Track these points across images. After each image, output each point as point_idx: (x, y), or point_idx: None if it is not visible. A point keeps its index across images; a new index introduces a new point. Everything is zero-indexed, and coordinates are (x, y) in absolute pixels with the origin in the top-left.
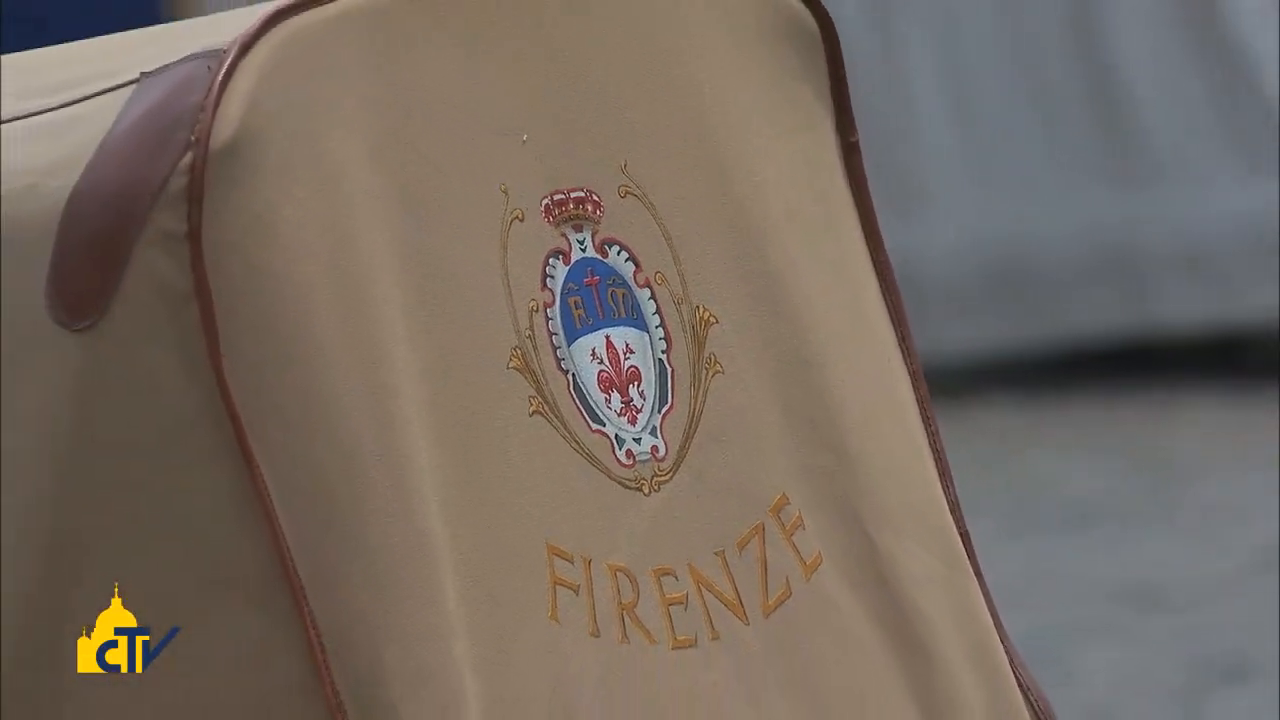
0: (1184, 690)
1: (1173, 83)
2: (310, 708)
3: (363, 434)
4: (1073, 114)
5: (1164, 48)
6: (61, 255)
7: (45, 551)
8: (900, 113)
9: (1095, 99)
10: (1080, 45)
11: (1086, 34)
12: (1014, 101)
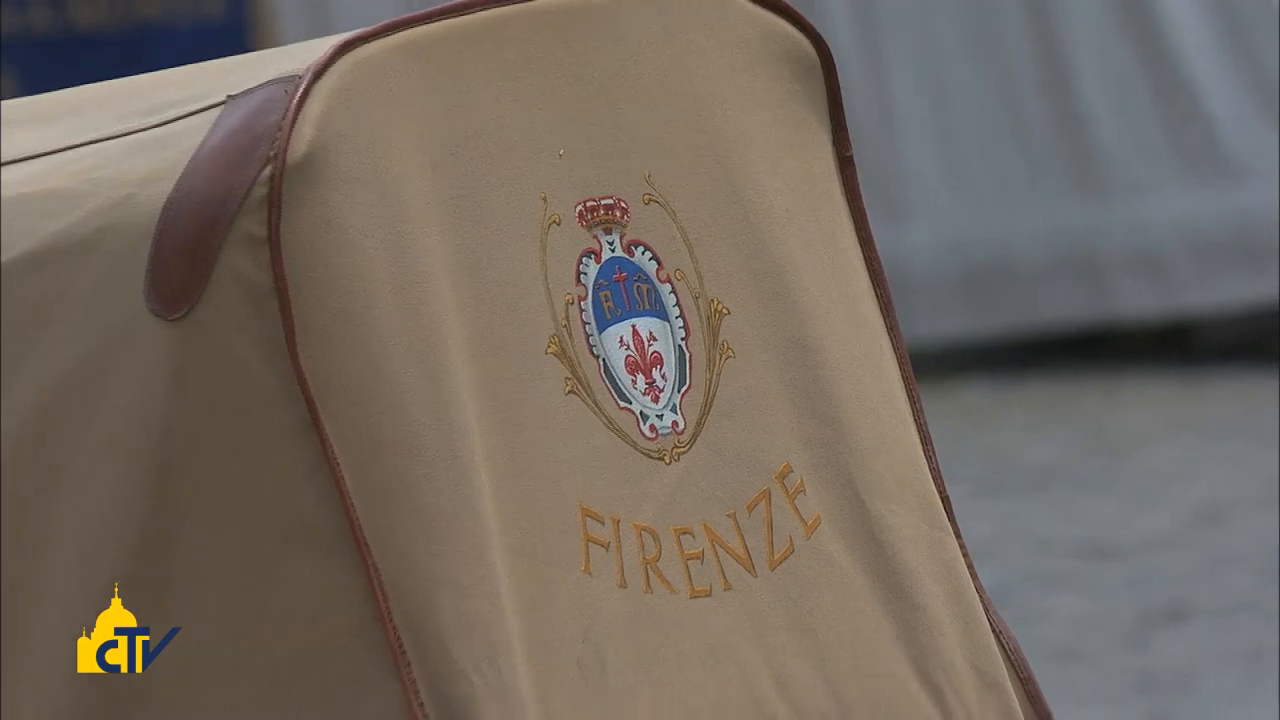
0: (1132, 630)
1: (1126, 106)
2: (374, 646)
3: (419, 409)
4: (1039, 134)
5: (1119, 76)
6: (158, 255)
7: (145, 513)
8: (887, 132)
9: (1059, 120)
10: (1046, 73)
11: (1052, 63)
12: (987, 122)
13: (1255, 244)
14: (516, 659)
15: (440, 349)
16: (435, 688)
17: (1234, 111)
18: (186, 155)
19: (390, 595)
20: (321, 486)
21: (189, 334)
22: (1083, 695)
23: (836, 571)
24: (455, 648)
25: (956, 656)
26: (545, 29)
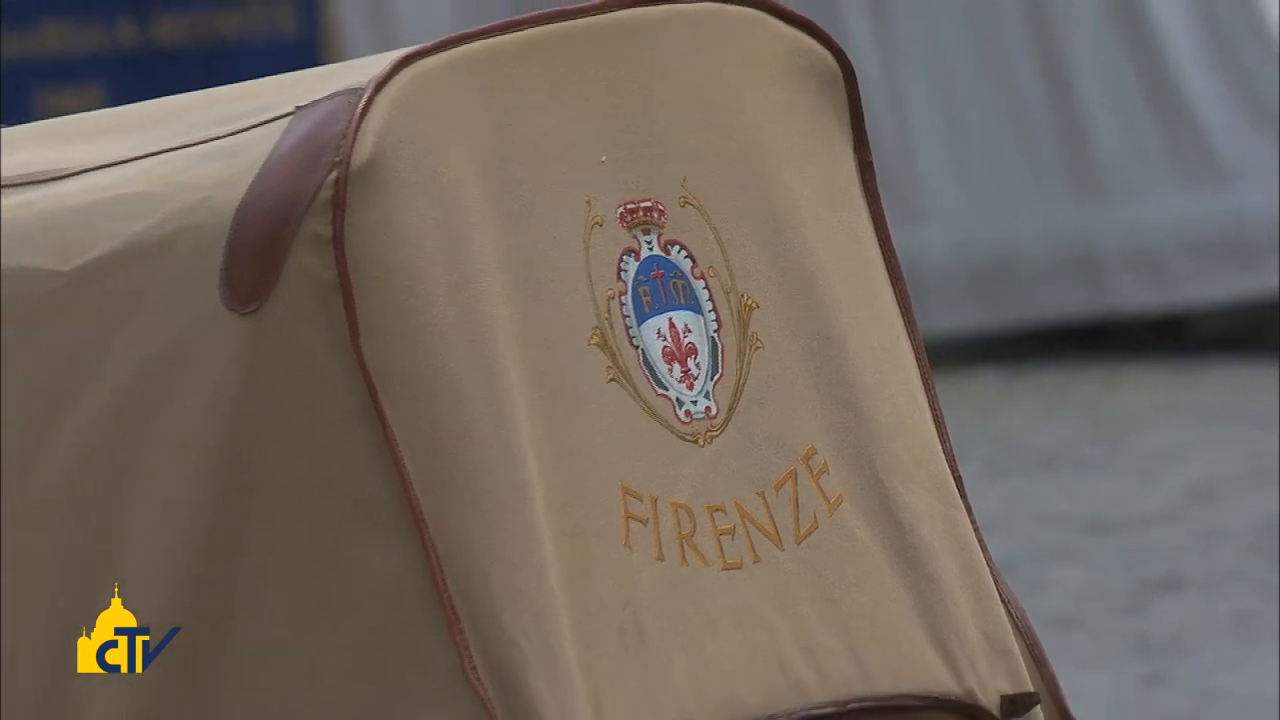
0: (1130, 599)
1: (1123, 115)
2: (431, 617)
3: (473, 396)
4: (1042, 141)
5: (1117, 87)
6: (232, 254)
7: (217, 493)
8: (903, 140)
9: (1061, 129)
10: (1049, 85)
11: (1054, 76)
12: (994, 131)
13: (1244, 242)
14: (562, 627)
15: (491, 341)
16: (487, 654)
17: (1224, 120)
18: (258, 161)
19: (446, 570)
20: (382, 469)
21: (261, 327)
22: (1084, 659)
23: (857, 546)
24: (506, 617)
25: (968, 624)
26: (589, 45)
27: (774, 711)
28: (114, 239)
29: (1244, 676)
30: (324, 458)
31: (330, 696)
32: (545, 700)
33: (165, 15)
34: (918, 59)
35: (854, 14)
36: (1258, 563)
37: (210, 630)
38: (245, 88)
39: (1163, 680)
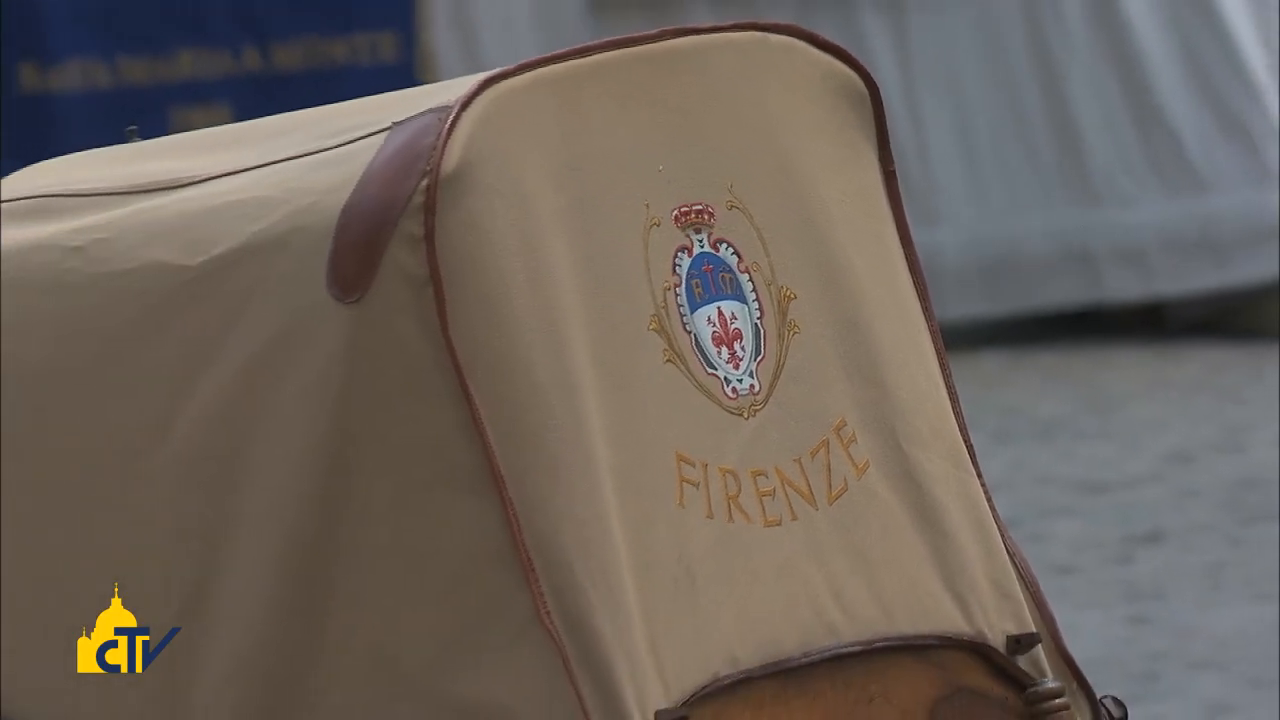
0: (1118, 549)
1: (1114, 132)
2: (509, 567)
3: (546, 376)
4: (1043, 155)
5: (1107, 108)
6: (337, 251)
7: (325, 458)
8: (921, 153)
9: (1059, 144)
10: (1049, 106)
11: (1053, 98)
12: (1001, 146)
13: (1216, 241)
14: (624, 577)
15: (562, 327)
16: (559, 599)
17: (1199, 135)
18: (360, 170)
19: (523, 526)
20: (468, 440)
21: (362, 315)
22: (1078, 602)
23: (881, 506)
24: (576, 567)
25: (978, 573)
26: (648, 68)
27: (809, 650)
28: (235, 238)
29: (1216, 617)
30: (417, 430)
31: (419, 633)
32: (609, 641)
33: (283, 43)
34: (934, 83)
35: (878, 42)
36: (1228, 518)
37: (317, 579)
38: (350, 106)
39: (1146, 620)
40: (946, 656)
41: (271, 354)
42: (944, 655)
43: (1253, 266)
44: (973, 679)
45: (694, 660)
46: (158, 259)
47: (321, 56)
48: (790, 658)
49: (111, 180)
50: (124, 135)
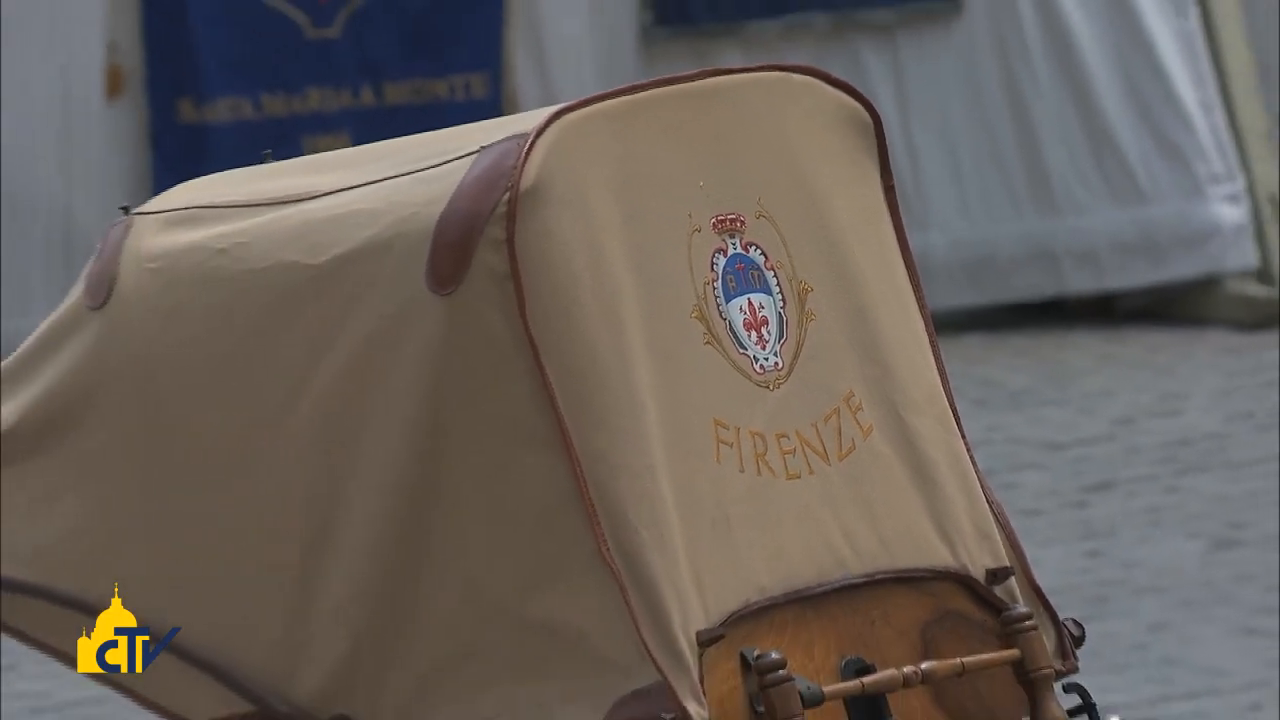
0: (1074, 497)
1: (1071, 155)
2: (576, 513)
3: (606, 356)
4: (1014, 174)
5: (1068, 134)
6: (435, 252)
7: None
8: (914, 171)
9: (1027, 164)
10: (1019, 133)
11: (1024, 127)
12: (979, 166)
13: (1155, 244)
14: (672, 521)
15: (620, 315)
16: (617, 539)
17: (1142, 157)
18: (454, 186)
19: (587, 478)
20: (542, 409)
21: (455, 306)
22: (1042, 540)
23: (883, 462)
24: (631, 513)
25: (962, 518)
26: (689, 102)
27: (823, 581)
28: (350, 242)
29: (1155, 551)
30: (500, 400)
31: (503, 567)
32: (659, 573)
33: (394, 83)
34: (924, 115)
35: (879, 81)
36: (1165, 470)
37: (419, 521)
38: (446, 133)
39: (1098, 554)
40: (936, 586)
41: (381, 337)
42: (934, 585)
43: (1185, 265)
44: (958, 604)
45: (729, 589)
46: (287, 259)
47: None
48: (808, 587)
49: (250, 195)
50: (261, 158)
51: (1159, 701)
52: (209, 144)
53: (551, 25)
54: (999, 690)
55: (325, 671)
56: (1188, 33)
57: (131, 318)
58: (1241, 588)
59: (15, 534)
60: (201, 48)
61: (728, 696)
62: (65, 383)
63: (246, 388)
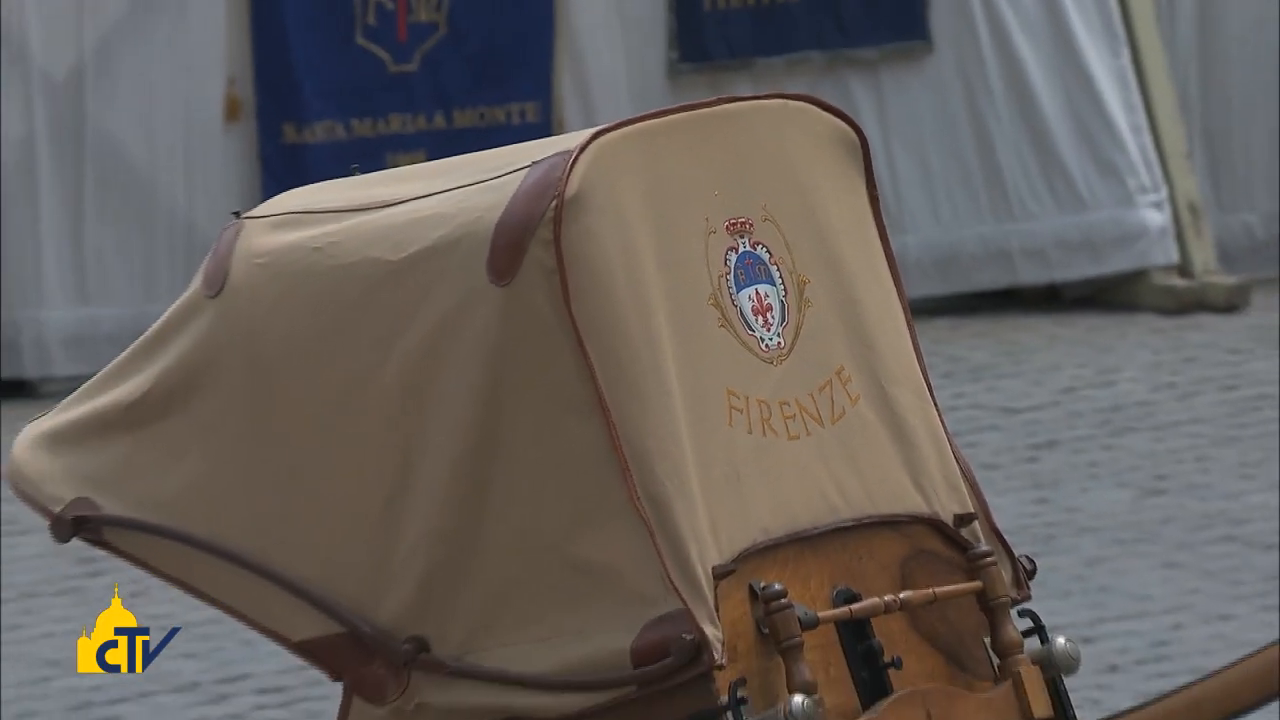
0: (1025, 453)
1: (1024, 169)
2: (612, 467)
3: (637, 336)
4: (976, 185)
5: (1020, 152)
6: (494, 249)
7: (486, 392)
8: (893, 183)
9: (986, 179)
10: (981, 151)
11: (985, 146)
12: (948, 179)
13: (1093, 243)
14: (691, 475)
15: (648, 302)
16: (646, 490)
17: (1082, 171)
18: (509, 195)
19: (620, 439)
20: (584, 380)
21: (511, 294)
22: (999, 490)
23: (869, 425)
24: (657, 467)
25: (934, 472)
26: (707, 124)
27: (818, 524)
28: (424, 241)
29: (1093, 498)
30: (549, 374)
31: (551, 513)
32: (681, 518)
33: (461, 110)
34: (903, 135)
35: (865, 107)
36: (1101, 431)
37: (481, 476)
38: (503, 150)
39: (1045, 501)
40: (912, 529)
41: (448, 321)
42: (910, 528)
43: (1118, 261)
44: (930, 544)
45: (739, 532)
46: (372, 255)
47: (487, 118)
48: (805, 529)
49: (341, 202)
50: (349, 171)
51: (1096, 623)
52: (307, 161)
53: (592, 62)
54: (965, 616)
55: (403, 600)
56: (1120, 69)
57: (241, 305)
58: (1165, 528)
59: (149, 485)
60: (302, 81)
61: (738, 621)
62: (186, 359)
63: (338, 363)
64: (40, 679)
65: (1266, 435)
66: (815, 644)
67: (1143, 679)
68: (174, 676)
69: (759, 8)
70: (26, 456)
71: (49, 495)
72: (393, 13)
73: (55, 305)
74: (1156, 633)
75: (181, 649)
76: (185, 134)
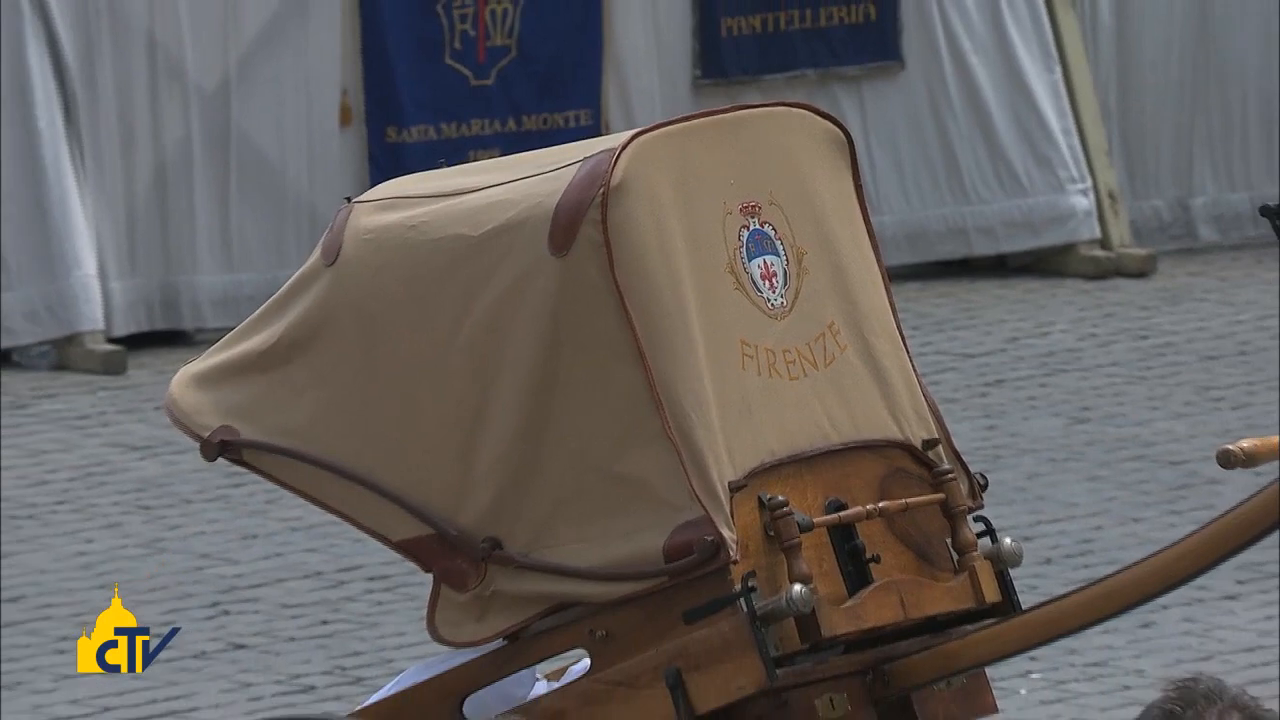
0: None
1: (977, 162)
2: (649, 402)
3: (669, 298)
4: (940, 175)
5: (974, 150)
6: (554, 227)
7: (546, 349)
8: (871, 172)
9: (948, 170)
10: (944, 150)
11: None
12: (915, 170)
13: (1033, 222)
14: (712, 409)
15: (677, 271)
16: (676, 421)
17: (1024, 166)
18: (566, 183)
19: (655, 380)
20: (627, 334)
21: (567, 264)
22: (958, 419)
23: (854, 369)
24: (685, 402)
25: (907, 407)
26: (726, 126)
27: (814, 447)
28: (497, 220)
29: (1032, 426)
30: (598, 327)
31: (599, 441)
32: (703, 443)
33: (529, 116)
34: (880, 136)
35: (850, 114)
36: (1038, 372)
37: (543, 409)
38: (561, 148)
39: (995, 428)
40: (889, 452)
41: (516, 286)
42: (888, 451)
43: (1052, 236)
44: (904, 464)
45: (750, 454)
46: (456, 232)
47: (549, 123)
48: (803, 451)
49: (431, 189)
50: (438, 165)
51: (1034, 525)
52: (405, 157)
53: (632, 78)
54: (930, 521)
55: (480, 508)
56: (1054, 83)
57: (352, 272)
58: (1089, 450)
59: (278, 416)
60: (402, 93)
61: (749, 526)
62: (307, 315)
63: (429, 318)
64: (195, 568)
65: (1170, 375)
66: (811, 544)
67: (1071, 569)
68: (301, 567)
69: (765, 35)
70: (181, 392)
71: (199, 424)
72: (474, 39)
73: (207, 271)
74: (1082, 533)
75: (305, 545)
76: (308, 135)
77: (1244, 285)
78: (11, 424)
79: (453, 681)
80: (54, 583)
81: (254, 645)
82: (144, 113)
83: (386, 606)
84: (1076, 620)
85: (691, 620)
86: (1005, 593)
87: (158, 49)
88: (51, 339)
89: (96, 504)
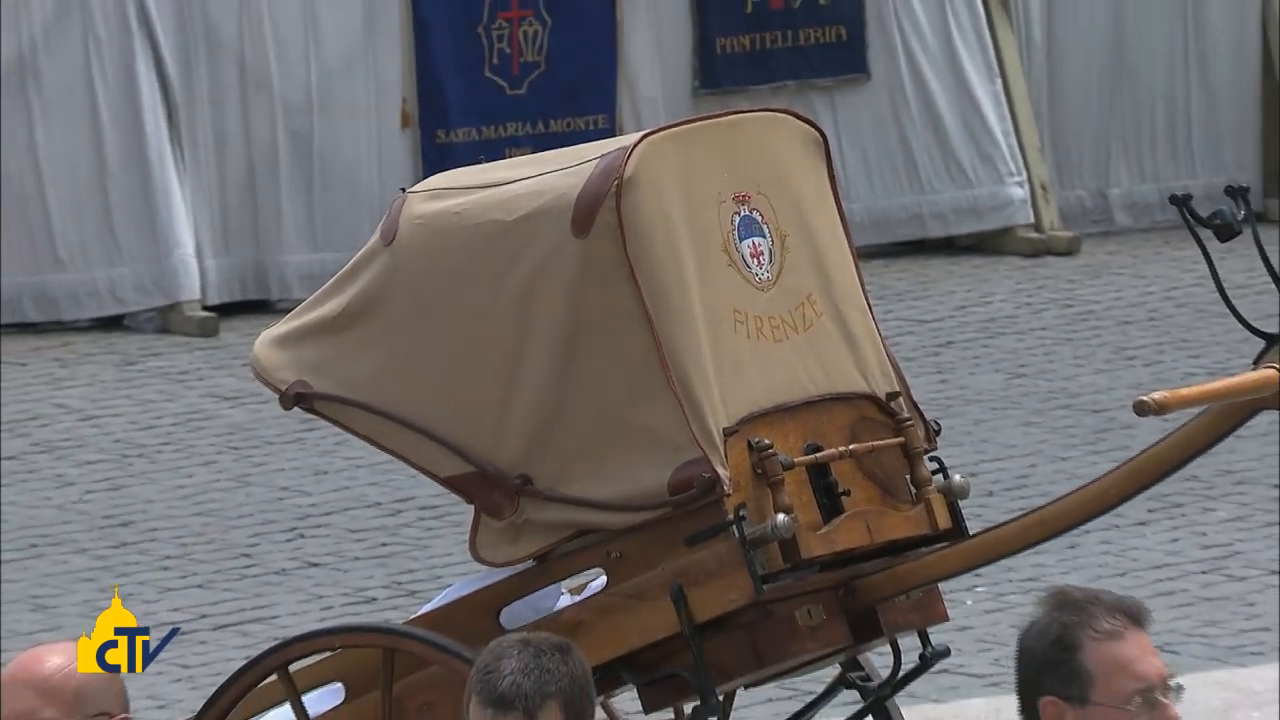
0: (931, 350)
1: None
2: (656, 361)
3: (672, 273)
4: (901, 170)
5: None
6: (576, 213)
7: (571, 315)
8: (843, 168)
9: (907, 167)
10: (902, 149)
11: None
12: (880, 167)
13: (978, 209)
14: (709, 367)
15: (680, 250)
16: (679, 377)
17: (970, 163)
18: (585, 177)
19: (661, 343)
20: (638, 303)
21: (588, 244)
22: (915, 374)
23: (828, 334)
24: (686, 361)
25: (873, 365)
26: (720, 129)
27: (794, 399)
28: (528, 208)
29: (977, 379)
30: (613, 298)
31: (615, 393)
32: (702, 395)
33: (556, 120)
34: (850, 137)
35: (825, 117)
36: (982, 335)
37: (568, 368)
38: (581, 146)
39: (946, 381)
40: (859, 403)
41: (544, 263)
42: (858, 402)
43: (993, 221)
44: (870, 413)
45: (740, 405)
46: (493, 218)
47: (572, 126)
48: (786, 402)
49: (473, 181)
50: (478, 161)
51: (978, 464)
52: (451, 154)
53: (642, 88)
54: (893, 461)
55: (514, 448)
56: (995, 92)
57: (406, 251)
58: (1024, 399)
59: (345, 371)
60: (450, 100)
61: (740, 465)
62: (367, 288)
63: (470, 290)
64: (276, 499)
65: (1092, 338)
66: (792, 480)
67: (1010, 501)
68: (364, 498)
69: (754, 51)
70: (263, 352)
71: (278, 378)
72: (509, 55)
73: (293, 251)
74: (1019, 470)
75: (368, 480)
76: (376, 136)
77: (1153, 262)
78: (124, 378)
79: (491, 595)
80: (159, 510)
81: (325, 563)
82: (235, 118)
83: (436, 532)
84: (1014, 544)
85: (692, 544)
86: (955, 520)
87: (246, 65)
88: (156, 307)
89: (194, 445)
